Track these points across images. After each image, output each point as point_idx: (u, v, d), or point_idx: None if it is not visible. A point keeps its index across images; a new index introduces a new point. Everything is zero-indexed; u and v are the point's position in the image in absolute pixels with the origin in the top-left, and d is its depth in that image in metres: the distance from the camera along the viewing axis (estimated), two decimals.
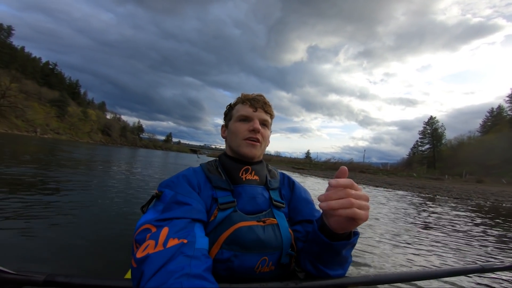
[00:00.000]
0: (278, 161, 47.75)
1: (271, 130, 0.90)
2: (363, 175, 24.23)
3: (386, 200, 8.54)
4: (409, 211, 6.44)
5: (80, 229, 2.77)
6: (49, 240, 2.34)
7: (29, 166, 7.11)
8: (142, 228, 0.56)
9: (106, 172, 9.00)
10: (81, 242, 2.41)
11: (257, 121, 0.80)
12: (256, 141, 0.79)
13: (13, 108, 50.27)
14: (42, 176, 5.82)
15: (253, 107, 0.81)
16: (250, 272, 0.65)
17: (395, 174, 26.59)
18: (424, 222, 5.12)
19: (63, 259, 2.04)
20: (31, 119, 54.89)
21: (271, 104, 0.87)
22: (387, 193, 11.10)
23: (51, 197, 4.02)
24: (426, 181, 21.71)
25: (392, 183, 17.67)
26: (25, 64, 63.30)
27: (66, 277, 0.52)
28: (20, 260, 1.92)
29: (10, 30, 59.97)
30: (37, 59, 71.86)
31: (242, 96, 0.86)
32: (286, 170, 25.11)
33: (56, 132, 61.22)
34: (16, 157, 9.16)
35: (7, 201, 3.46)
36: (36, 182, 5.02)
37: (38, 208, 3.30)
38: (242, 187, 0.76)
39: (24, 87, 56.69)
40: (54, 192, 4.41)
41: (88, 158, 14.23)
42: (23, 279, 0.51)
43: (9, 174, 5.51)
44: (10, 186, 4.42)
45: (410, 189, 14.24)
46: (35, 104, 59.21)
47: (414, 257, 2.94)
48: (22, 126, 51.23)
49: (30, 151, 12.87)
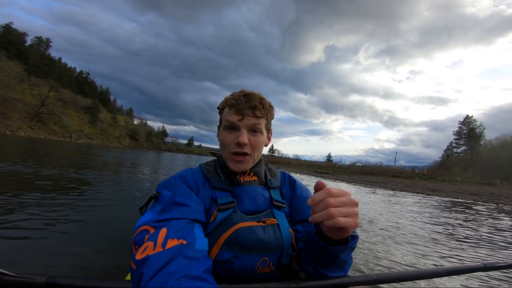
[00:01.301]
0: (298, 165, 46.32)
1: (271, 129, 0.84)
2: (397, 180, 22.28)
3: (447, 211, 7.36)
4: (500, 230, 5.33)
5: (89, 230, 2.77)
6: (53, 242, 2.33)
7: (62, 169, 7.08)
8: (140, 229, 0.56)
9: (132, 174, 9.01)
10: (88, 243, 2.42)
11: (244, 132, 0.73)
12: (244, 155, 0.74)
13: (51, 115, 54.47)
14: (60, 178, 5.78)
15: (239, 115, 0.73)
16: (250, 272, 0.64)
17: (434, 178, 24.14)
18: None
19: (67, 261, 2.02)
20: (67, 125, 59.07)
21: (264, 103, 0.76)
22: (439, 201, 9.77)
23: (61, 199, 3.95)
24: (477, 187, 19.15)
25: (435, 189, 15.87)
26: (62, 74, 68.61)
27: (67, 279, 0.52)
28: (21, 263, 1.90)
29: (48, 42, 65.64)
30: (72, 69, 77.65)
31: (227, 100, 0.77)
32: (308, 174, 23.95)
33: (89, 137, 65.27)
34: (57, 161, 9.57)
35: (16, 200, 3.41)
36: (50, 184, 4.98)
37: (48, 209, 3.25)
38: (241, 188, 0.74)
39: (61, 95, 61.39)
40: (66, 193, 4.36)
41: (117, 161, 14.64)
42: (24, 282, 0.51)
43: (38, 176, 5.42)
44: (28, 186, 4.45)
45: (461, 196, 12.60)
46: (70, 111, 63.79)
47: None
48: (59, 132, 55.24)
49: (67, 155, 13.42)
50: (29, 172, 6.01)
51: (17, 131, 43.47)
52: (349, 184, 16.24)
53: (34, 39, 63.33)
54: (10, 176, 5.36)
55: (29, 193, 3.97)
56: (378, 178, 22.94)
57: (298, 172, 28.20)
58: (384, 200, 8.86)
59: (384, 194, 11.29)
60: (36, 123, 50.73)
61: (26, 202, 3.45)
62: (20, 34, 58.55)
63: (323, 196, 0.51)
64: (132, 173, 9.24)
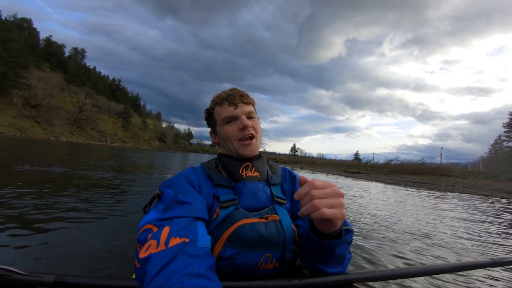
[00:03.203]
0: (324, 164, 42.93)
1: (258, 117, 0.87)
2: (450, 180, 19.35)
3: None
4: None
5: (102, 228, 2.71)
6: (65, 241, 2.28)
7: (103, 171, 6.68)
8: (143, 228, 0.57)
9: (162, 172, 8.95)
10: (100, 242, 2.34)
11: (243, 117, 0.77)
12: (251, 138, 0.78)
13: (88, 121, 58.47)
14: (89, 178, 5.61)
15: (232, 105, 0.79)
16: (253, 269, 0.65)
17: (495, 177, 20.61)
18: None
19: (78, 260, 1.98)
20: (103, 129, 63.05)
21: (248, 94, 0.83)
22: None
23: (75, 198, 3.89)
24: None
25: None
26: (97, 82, 73.75)
27: (76, 278, 0.53)
28: (31, 261, 1.87)
29: (83, 52, 70.81)
30: (105, 77, 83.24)
31: (215, 98, 0.82)
32: (338, 175, 21.74)
33: (122, 141, 69.18)
34: (95, 163, 9.56)
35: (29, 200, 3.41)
36: (82, 183, 4.93)
37: (59, 208, 3.24)
38: (243, 184, 0.74)
39: (96, 102, 65.80)
40: (82, 193, 4.30)
41: (148, 162, 14.68)
42: (34, 280, 0.52)
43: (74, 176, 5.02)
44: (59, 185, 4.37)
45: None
46: (105, 116, 68.15)
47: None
48: (96, 137, 59.16)
49: (104, 157, 13.66)
50: (59, 172, 6.10)
51: (60, 137, 47.16)
52: (391, 186, 14.23)
53: (71, 50, 68.83)
54: (44, 175, 5.45)
55: (60, 192, 4.10)
56: (424, 178, 20.27)
57: (325, 172, 25.67)
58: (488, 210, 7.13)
59: (458, 198, 9.37)
60: (76, 129, 54.75)
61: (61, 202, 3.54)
62: (59, 46, 63.99)
63: (307, 189, 0.52)
64: (162, 172, 9.01)
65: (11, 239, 2.18)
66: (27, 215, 2.80)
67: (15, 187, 4.05)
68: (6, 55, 37.82)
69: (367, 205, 6.09)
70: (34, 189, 4.08)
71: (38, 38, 58.15)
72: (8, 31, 40.91)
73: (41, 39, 59.62)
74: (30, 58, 45.32)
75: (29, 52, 46.27)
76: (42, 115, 47.42)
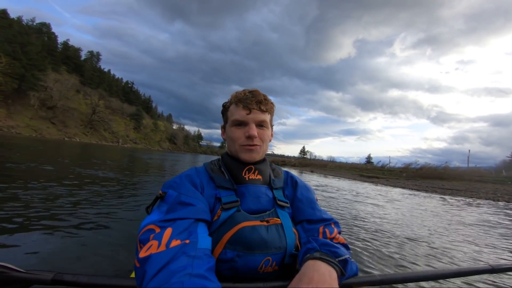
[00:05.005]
0: (337, 167, 40.85)
1: (273, 124, 0.87)
2: (487, 186, 17.57)
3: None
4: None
5: (105, 229, 2.61)
6: (66, 239, 2.25)
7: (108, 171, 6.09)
8: (146, 228, 0.57)
9: (175, 172, 8.18)
10: (99, 241, 2.31)
11: (252, 126, 0.76)
12: (254, 146, 0.77)
13: (101, 122, 59.39)
14: (95, 177, 5.47)
15: (246, 109, 0.76)
16: (253, 272, 0.64)
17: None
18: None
19: (77, 258, 1.96)
20: (115, 131, 63.91)
21: (268, 99, 0.80)
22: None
23: (76, 196, 3.88)
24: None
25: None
26: (111, 84, 75.26)
27: (74, 276, 0.53)
28: (29, 259, 1.85)
29: (98, 56, 72.39)
30: (119, 80, 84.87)
31: (233, 97, 0.80)
32: (353, 179, 20.10)
33: (134, 142, 69.95)
34: (109, 163, 9.76)
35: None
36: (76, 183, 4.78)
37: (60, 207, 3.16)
38: (245, 187, 0.74)
39: (109, 103, 66.95)
40: (85, 191, 4.27)
41: (158, 163, 14.34)
42: (32, 278, 0.52)
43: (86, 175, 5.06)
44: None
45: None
46: (117, 118, 69.19)
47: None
48: (108, 138, 59.95)
49: (117, 158, 13.52)
50: (74, 171, 6.16)
51: (74, 138, 47.90)
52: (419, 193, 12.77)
53: (87, 53, 70.46)
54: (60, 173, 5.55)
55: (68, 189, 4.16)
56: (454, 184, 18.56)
57: (337, 175, 23.77)
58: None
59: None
60: (89, 130, 55.64)
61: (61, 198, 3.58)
62: (76, 50, 65.66)
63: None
64: (173, 173, 8.13)
65: (11, 237, 2.14)
66: (30, 213, 2.77)
67: (24, 183, 4.10)
68: (25, 58, 38.77)
69: (419, 231, 4.93)
70: (39, 185, 4.11)
71: (57, 42, 59.73)
72: (27, 35, 42.05)
73: (59, 43, 61.30)
74: (47, 61, 46.49)
75: (46, 55, 47.50)
76: (58, 116, 48.39)
